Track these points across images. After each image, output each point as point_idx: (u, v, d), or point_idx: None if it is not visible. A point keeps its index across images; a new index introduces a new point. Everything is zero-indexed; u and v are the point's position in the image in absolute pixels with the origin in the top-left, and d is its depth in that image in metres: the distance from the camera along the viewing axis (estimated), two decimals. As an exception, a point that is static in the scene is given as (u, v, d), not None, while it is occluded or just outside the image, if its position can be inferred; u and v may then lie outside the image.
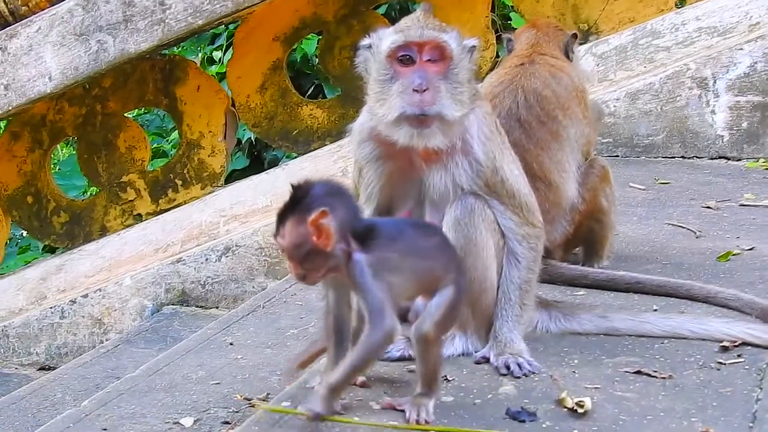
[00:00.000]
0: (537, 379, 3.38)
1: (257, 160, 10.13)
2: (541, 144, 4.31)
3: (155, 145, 10.31)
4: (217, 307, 6.46)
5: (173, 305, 6.53)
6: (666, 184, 6.09)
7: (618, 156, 6.69)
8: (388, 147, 3.50)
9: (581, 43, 6.41)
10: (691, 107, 6.65)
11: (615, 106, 6.68)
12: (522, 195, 3.61)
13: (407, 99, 3.37)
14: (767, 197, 5.67)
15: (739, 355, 3.52)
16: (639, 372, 3.40)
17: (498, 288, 3.58)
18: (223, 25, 8.54)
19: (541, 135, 4.32)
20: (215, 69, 10.11)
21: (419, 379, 3.13)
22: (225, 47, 10.11)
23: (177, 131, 7.57)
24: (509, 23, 9.03)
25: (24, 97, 6.58)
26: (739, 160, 6.57)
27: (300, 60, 9.69)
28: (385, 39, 3.46)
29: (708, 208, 5.55)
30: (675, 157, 6.67)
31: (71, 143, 10.95)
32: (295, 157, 7.01)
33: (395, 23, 3.58)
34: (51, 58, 6.49)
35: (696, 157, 6.65)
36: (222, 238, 6.55)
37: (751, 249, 4.78)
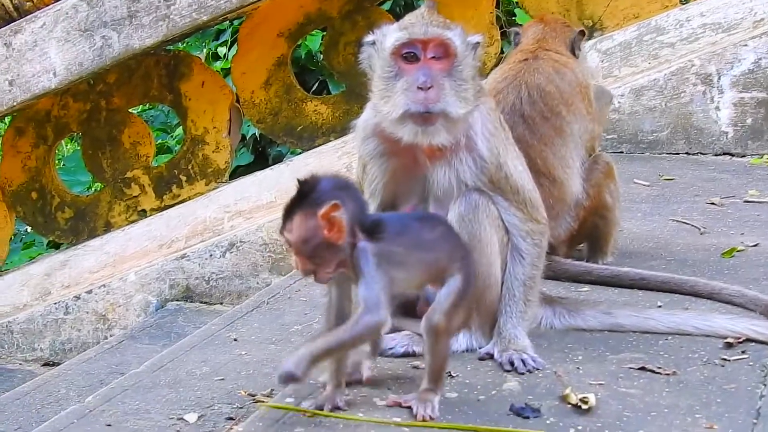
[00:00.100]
0: (541, 376, 3.38)
1: (262, 156, 10.13)
2: (545, 140, 4.31)
3: (159, 141, 10.31)
4: (222, 303, 6.46)
5: (177, 301, 6.53)
6: (670, 180, 6.09)
7: (622, 152, 6.68)
8: (392, 143, 3.50)
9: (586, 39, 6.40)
10: (696, 103, 6.64)
11: (619, 102, 6.66)
12: (526, 191, 3.60)
13: (412, 96, 3.36)
14: (772, 194, 5.67)
15: (743, 352, 3.52)
16: (643, 368, 3.40)
17: (502, 284, 3.58)
18: (228, 21, 8.55)
19: (545, 131, 4.31)
20: (220, 65, 10.12)
21: (427, 373, 3.11)
22: (230, 43, 10.11)
23: (181, 127, 7.57)
24: (514, 19, 9.03)
25: (28, 93, 6.58)
26: (744, 156, 6.56)
27: (304, 56, 9.70)
28: (390, 36, 3.45)
29: (712, 204, 5.55)
30: (679, 154, 6.67)
31: (76, 139, 10.97)
32: (300, 153, 7.01)
33: (400, 19, 3.58)
34: (55, 53, 6.49)
35: (700, 154, 6.65)
36: (226, 234, 6.55)
37: (756, 245, 4.77)
